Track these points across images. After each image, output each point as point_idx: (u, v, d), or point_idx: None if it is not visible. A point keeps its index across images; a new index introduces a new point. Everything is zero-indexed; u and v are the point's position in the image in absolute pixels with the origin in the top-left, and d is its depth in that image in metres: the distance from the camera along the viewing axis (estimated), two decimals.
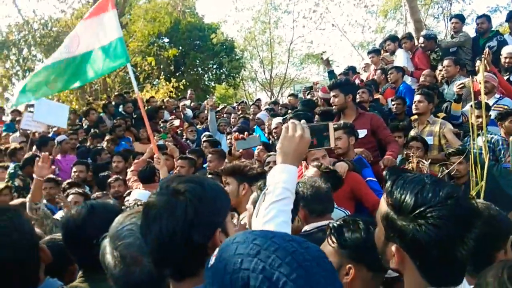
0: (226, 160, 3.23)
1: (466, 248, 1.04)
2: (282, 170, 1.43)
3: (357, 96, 4.99)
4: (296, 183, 1.50)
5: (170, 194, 1.10)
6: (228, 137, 6.14)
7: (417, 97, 4.81)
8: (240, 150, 3.28)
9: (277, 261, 0.78)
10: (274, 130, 5.51)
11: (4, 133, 7.81)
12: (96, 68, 4.43)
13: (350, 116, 4.12)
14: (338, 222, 1.73)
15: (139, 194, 3.96)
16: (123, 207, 2.99)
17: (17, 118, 8.31)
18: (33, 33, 11.03)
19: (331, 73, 6.19)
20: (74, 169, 5.36)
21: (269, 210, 1.37)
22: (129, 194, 4.23)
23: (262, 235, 0.86)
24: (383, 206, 1.15)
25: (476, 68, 5.33)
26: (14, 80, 11.15)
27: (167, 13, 18.43)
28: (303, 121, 1.50)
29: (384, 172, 1.00)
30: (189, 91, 11.40)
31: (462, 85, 4.74)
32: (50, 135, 7.59)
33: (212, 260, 0.87)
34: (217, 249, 0.90)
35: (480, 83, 3.67)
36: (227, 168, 2.89)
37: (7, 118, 9.65)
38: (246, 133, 3.21)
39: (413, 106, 4.83)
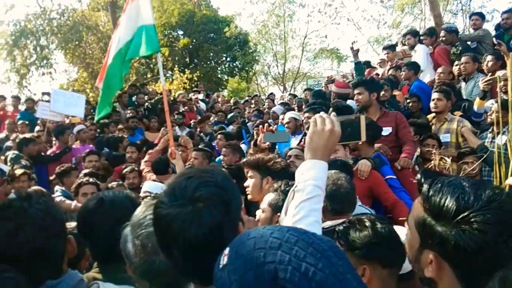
0: (251, 151, 3.15)
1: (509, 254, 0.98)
2: (312, 166, 1.37)
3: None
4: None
5: (190, 203, 1.04)
6: (255, 129, 6.14)
7: (435, 95, 4.71)
8: (267, 143, 3.23)
9: (301, 252, 0.78)
10: (286, 125, 5.47)
11: (20, 122, 7.89)
12: (131, 51, 4.47)
13: (373, 114, 4.06)
14: (344, 225, 1.71)
15: (149, 186, 3.95)
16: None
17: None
18: (50, 23, 11.10)
19: (358, 65, 6.05)
20: (87, 159, 5.41)
21: (299, 209, 1.32)
22: None
23: (277, 229, 0.85)
24: (418, 211, 1.09)
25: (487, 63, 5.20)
26: (32, 69, 11.26)
27: (181, 4, 18.49)
28: (333, 113, 1.45)
29: (418, 175, 0.96)
30: (200, 84, 11.43)
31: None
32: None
33: (225, 260, 0.85)
34: (227, 249, 0.88)
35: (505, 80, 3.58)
36: (251, 161, 2.77)
37: (22, 107, 9.77)
38: (276, 126, 3.16)
39: (432, 104, 4.72)
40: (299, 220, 1.30)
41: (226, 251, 0.87)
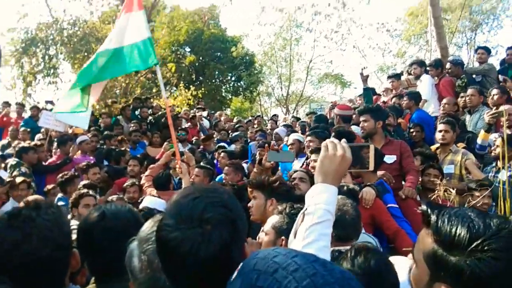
0: (255, 170, 3.13)
1: None
2: (323, 190, 1.37)
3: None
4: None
5: (198, 226, 1.01)
6: (258, 148, 6.16)
7: (443, 126, 4.71)
8: (272, 162, 3.20)
9: (293, 284, 0.74)
10: (290, 146, 5.48)
11: (22, 129, 7.91)
12: (123, 64, 4.46)
13: (378, 142, 4.06)
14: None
15: (149, 201, 3.93)
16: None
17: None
18: (60, 32, 11.26)
19: (367, 91, 6.07)
20: (91, 171, 5.40)
21: (309, 232, 1.31)
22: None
23: (284, 253, 0.83)
24: (426, 244, 1.07)
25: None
26: (39, 77, 11.37)
27: (191, 22, 18.77)
28: (343, 140, 1.45)
29: (423, 207, 0.95)
30: (201, 101, 11.53)
31: (496, 114, 4.61)
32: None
33: (234, 274, 0.85)
34: (241, 263, 0.87)
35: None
36: (255, 182, 2.75)
37: (26, 114, 9.81)
38: (281, 145, 3.16)
39: (439, 136, 4.71)
40: (309, 244, 1.29)
41: (239, 266, 0.86)
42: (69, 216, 3.93)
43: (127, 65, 4.43)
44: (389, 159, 3.83)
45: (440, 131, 4.72)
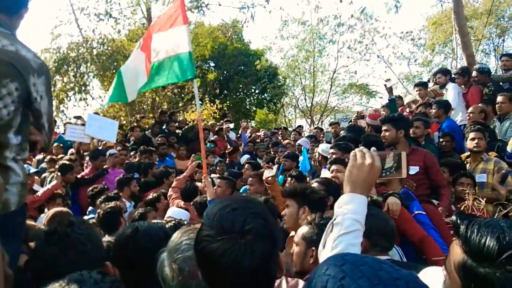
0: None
1: None
2: (351, 200, 1.36)
3: (411, 131, 4.84)
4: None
5: (240, 237, 1.03)
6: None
7: (474, 134, 4.62)
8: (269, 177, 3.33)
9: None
10: (320, 157, 5.41)
11: (55, 144, 8.20)
12: (164, 76, 4.60)
13: (404, 150, 4.03)
14: None
15: (173, 212, 4.03)
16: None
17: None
18: (90, 51, 11.68)
19: (392, 101, 6.04)
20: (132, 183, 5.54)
21: (338, 243, 1.31)
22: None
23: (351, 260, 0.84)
24: (457, 254, 1.06)
25: None
26: (70, 95, 11.80)
27: (215, 37, 19.10)
28: (373, 148, 1.45)
29: (454, 217, 0.94)
30: (228, 113, 11.70)
31: None
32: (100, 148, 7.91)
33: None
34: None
35: None
36: (289, 190, 2.78)
37: (58, 130, 10.18)
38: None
39: (472, 143, 4.61)
40: None
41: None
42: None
43: (167, 76, 4.57)
44: (412, 170, 3.77)
45: (473, 139, 4.62)
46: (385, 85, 6.03)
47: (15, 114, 1.76)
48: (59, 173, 5.29)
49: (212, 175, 5.93)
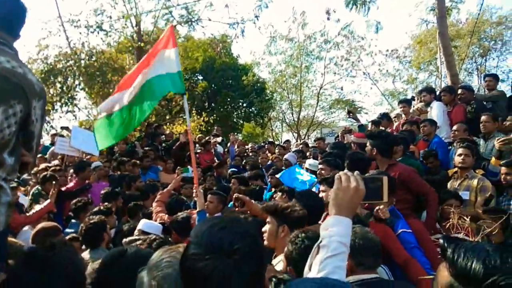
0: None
1: None
2: (337, 222, 1.39)
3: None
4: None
5: (227, 256, 1.03)
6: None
7: (463, 151, 4.66)
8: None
9: None
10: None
11: (39, 155, 8.07)
12: (154, 93, 4.56)
13: (382, 165, 4.08)
14: None
15: (145, 224, 3.94)
16: None
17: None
18: (79, 63, 11.62)
19: (362, 127, 6.19)
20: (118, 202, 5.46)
21: (324, 265, 1.32)
22: None
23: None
24: (444, 277, 1.07)
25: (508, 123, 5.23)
26: (57, 106, 11.68)
27: (204, 50, 19.18)
28: (356, 172, 1.47)
29: (440, 241, 0.95)
30: (218, 128, 11.69)
31: (507, 141, 4.58)
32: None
33: None
34: None
35: None
36: (270, 207, 2.75)
37: (43, 141, 10.03)
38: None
39: (459, 159, 4.66)
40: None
41: None
42: None
43: (157, 92, 4.55)
44: None
45: (460, 155, 4.66)
46: (349, 116, 6.20)
47: (14, 135, 1.75)
48: (54, 191, 5.08)
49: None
